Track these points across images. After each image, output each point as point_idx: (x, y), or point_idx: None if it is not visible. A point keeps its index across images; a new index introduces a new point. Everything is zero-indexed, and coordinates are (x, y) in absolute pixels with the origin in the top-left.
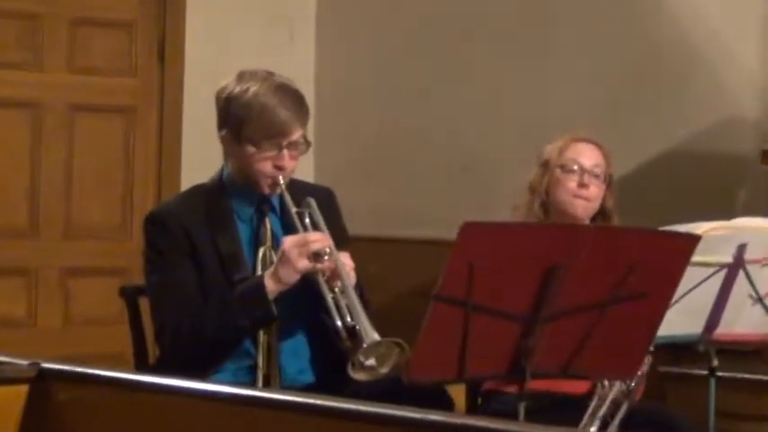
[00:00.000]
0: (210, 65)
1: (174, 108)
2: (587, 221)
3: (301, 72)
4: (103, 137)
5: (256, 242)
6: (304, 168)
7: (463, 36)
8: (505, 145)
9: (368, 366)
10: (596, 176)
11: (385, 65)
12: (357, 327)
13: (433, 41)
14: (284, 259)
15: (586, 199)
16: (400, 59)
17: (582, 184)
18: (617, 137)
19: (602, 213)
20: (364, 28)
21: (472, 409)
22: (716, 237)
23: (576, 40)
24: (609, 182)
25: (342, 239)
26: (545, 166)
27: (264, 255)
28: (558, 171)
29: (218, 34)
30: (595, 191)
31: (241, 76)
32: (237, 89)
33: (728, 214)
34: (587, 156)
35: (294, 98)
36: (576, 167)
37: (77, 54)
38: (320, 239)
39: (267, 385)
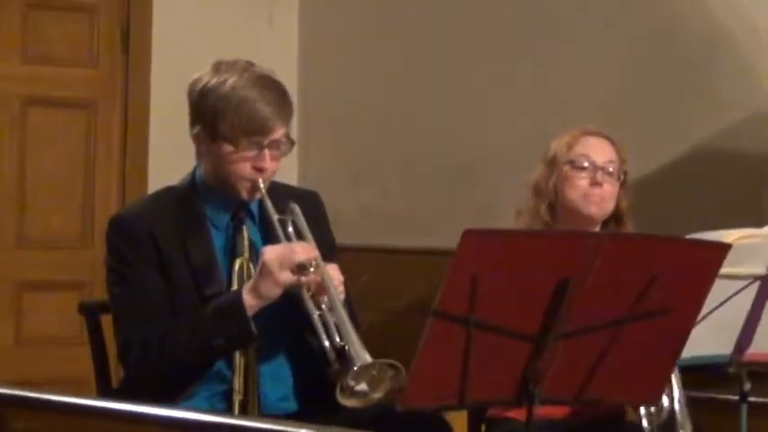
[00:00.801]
0: (180, 54)
1: (139, 102)
2: (599, 225)
3: (283, 63)
4: (61, 134)
5: (232, 253)
6: (287, 170)
7: (464, 19)
8: (510, 143)
9: (358, 392)
10: (610, 174)
11: (376, 54)
12: (346, 347)
13: (431, 26)
14: (265, 272)
15: (600, 198)
16: (394, 48)
17: (594, 182)
18: (634, 134)
19: (615, 216)
20: (353, 12)
21: None
22: (747, 245)
23: (589, 28)
24: (623, 181)
25: (329, 250)
26: (552, 163)
27: (241, 267)
28: (566, 168)
29: (188, 20)
30: (609, 189)
31: (217, 67)
32: (213, 81)
33: (758, 218)
34: (599, 151)
35: (277, 92)
36: (587, 164)
37: (31, 42)
38: (305, 250)
39: (244, 413)
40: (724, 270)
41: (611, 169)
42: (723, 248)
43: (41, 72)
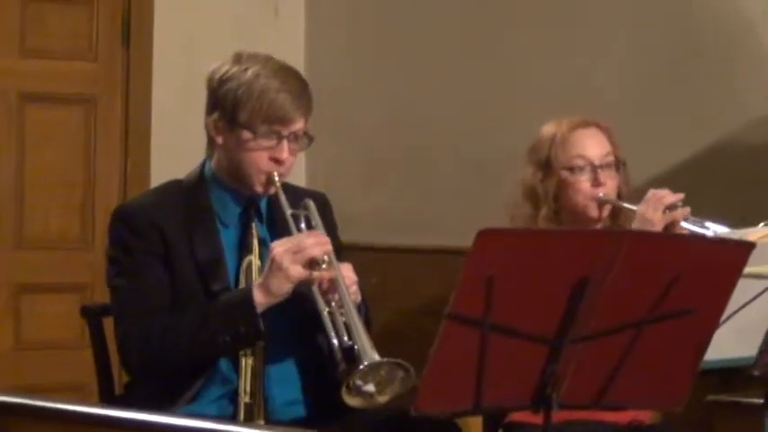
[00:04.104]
0: (182, 47)
1: (141, 97)
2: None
3: (289, 55)
4: (60, 130)
5: (240, 250)
6: (294, 168)
7: (478, 10)
8: (523, 142)
9: (365, 392)
10: (609, 167)
11: (385, 49)
12: (355, 347)
13: (443, 17)
14: (275, 267)
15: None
16: (405, 40)
17: (597, 184)
18: (658, 127)
19: (616, 207)
20: (362, 5)
21: None
22: None
23: (611, 11)
24: (621, 168)
25: (335, 253)
26: (546, 167)
27: (249, 265)
28: (565, 174)
29: (190, 11)
30: (612, 185)
31: (238, 57)
32: (234, 69)
33: None
34: (594, 146)
35: (299, 83)
36: (585, 165)
37: (28, 35)
38: (317, 244)
39: (250, 418)
40: (748, 269)
41: (609, 161)
42: (747, 247)
43: (39, 66)
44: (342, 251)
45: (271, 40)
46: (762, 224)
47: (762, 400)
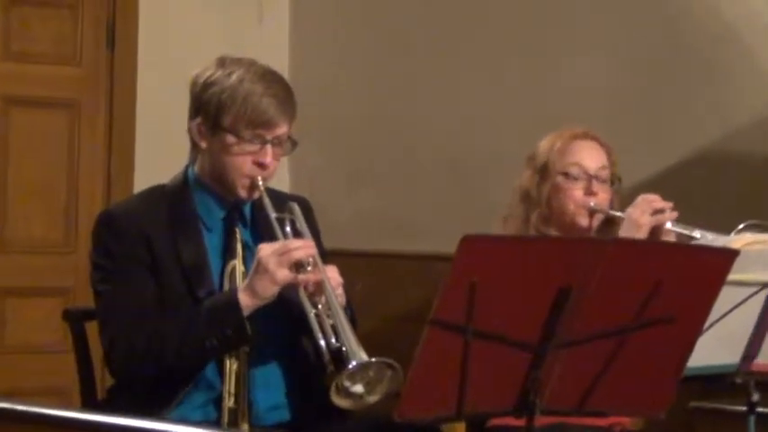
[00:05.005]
0: (166, 51)
1: (125, 102)
2: (593, 231)
3: (272, 60)
4: (43, 135)
5: (225, 255)
6: (278, 173)
7: (460, 20)
8: (508, 148)
9: (354, 393)
10: (603, 181)
11: (369, 54)
12: (343, 348)
13: (425, 27)
14: (261, 269)
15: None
16: (387, 48)
17: (589, 192)
18: (643, 138)
19: (607, 219)
20: (346, 10)
21: None
22: (756, 252)
23: (592, 23)
24: (616, 184)
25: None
26: (543, 171)
27: (233, 270)
28: (560, 179)
29: (174, 16)
30: (604, 197)
31: (222, 62)
32: (218, 73)
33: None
34: (592, 157)
35: (283, 88)
36: (580, 173)
37: (13, 39)
38: (302, 247)
39: (234, 423)
40: (731, 277)
41: (604, 175)
42: (730, 255)
43: (23, 70)
44: (326, 256)
45: (255, 46)
46: (737, 228)
47: (744, 407)
